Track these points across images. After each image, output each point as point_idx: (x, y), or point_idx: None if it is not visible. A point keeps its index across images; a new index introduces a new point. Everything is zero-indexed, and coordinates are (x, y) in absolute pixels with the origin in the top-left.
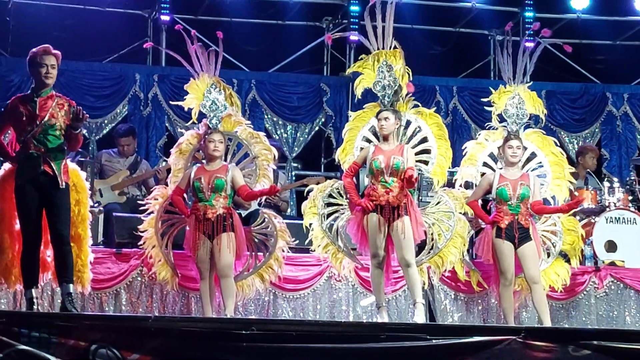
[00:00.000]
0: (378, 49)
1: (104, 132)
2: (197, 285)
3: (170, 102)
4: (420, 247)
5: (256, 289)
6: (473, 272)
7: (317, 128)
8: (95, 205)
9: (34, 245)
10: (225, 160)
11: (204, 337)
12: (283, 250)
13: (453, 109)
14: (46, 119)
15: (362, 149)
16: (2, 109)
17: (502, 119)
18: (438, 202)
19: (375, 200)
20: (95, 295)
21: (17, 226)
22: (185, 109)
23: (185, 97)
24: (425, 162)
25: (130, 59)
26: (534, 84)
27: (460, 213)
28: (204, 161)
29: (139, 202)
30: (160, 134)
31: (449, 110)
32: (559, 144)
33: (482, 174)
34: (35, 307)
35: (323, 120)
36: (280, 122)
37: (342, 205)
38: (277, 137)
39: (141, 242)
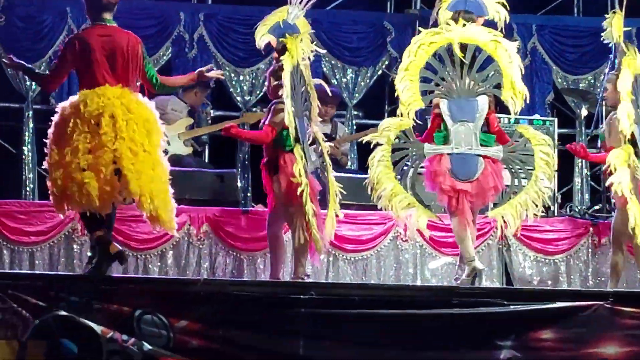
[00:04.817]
0: None
1: None
2: (249, 245)
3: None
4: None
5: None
6: None
7: (380, 72)
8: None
9: None
10: None
11: (258, 302)
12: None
13: (532, 49)
14: None
15: None
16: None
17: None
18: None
19: None
20: (139, 256)
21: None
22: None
23: (231, 38)
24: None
25: None
26: (624, 21)
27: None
28: None
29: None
30: None
31: (528, 51)
32: None
33: None
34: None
35: (387, 63)
36: (339, 66)
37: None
38: (336, 83)
39: None
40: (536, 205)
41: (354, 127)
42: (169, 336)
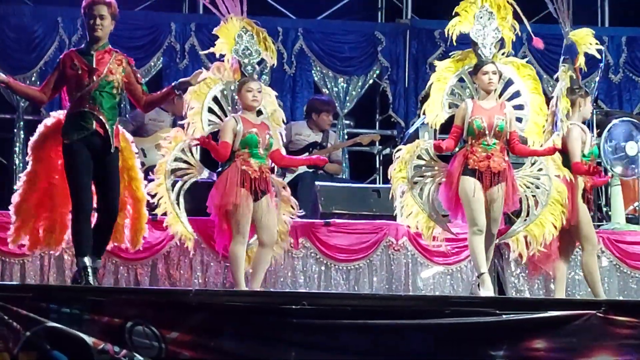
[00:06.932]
0: None
1: None
2: None
3: (200, 52)
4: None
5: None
6: None
7: (371, 81)
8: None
9: (87, 212)
10: None
11: (250, 312)
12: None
13: (522, 58)
14: (103, 74)
15: (449, 105)
16: (57, 64)
17: None
18: (533, 164)
19: (473, 163)
20: (130, 268)
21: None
22: (217, 55)
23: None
24: (519, 120)
25: (164, 7)
26: (613, 29)
27: (557, 176)
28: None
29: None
30: None
31: None
32: None
33: None
34: (89, 277)
35: (378, 72)
36: (330, 75)
37: (432, 167)
38: (327, 92)
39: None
40: None
41: (346, 137)
42: (161, 347)
